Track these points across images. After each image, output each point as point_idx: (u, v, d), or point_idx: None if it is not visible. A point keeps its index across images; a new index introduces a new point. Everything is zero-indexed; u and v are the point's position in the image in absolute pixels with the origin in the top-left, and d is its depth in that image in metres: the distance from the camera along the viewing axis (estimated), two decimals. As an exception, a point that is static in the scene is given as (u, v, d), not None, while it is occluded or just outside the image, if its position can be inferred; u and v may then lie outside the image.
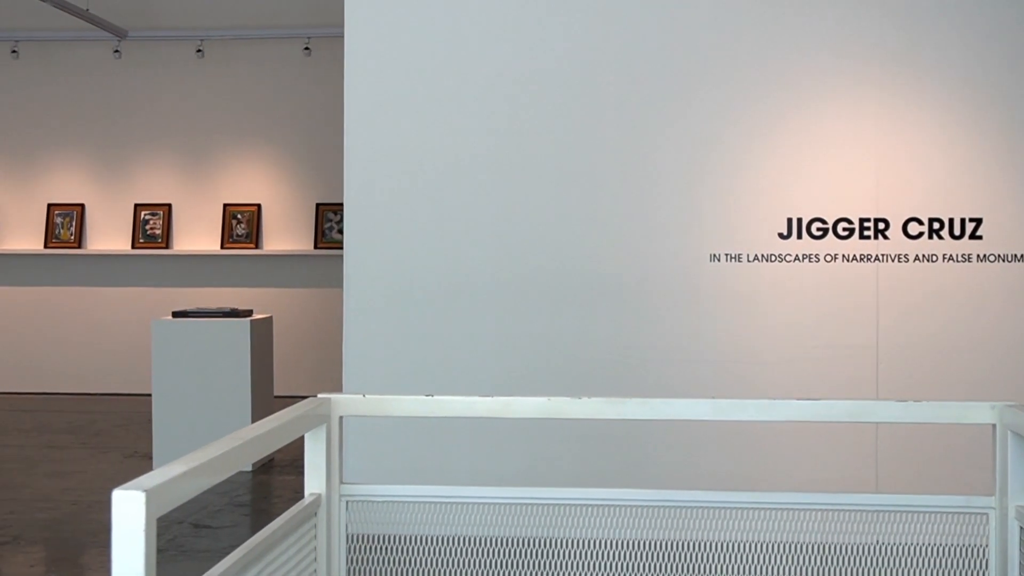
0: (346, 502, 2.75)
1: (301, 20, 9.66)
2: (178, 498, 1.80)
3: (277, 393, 7.50)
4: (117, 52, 9.83)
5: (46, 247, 10.05)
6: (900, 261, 4.97)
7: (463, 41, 5.15)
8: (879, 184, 4.99)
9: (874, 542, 2.69)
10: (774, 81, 5.04)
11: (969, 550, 2.66)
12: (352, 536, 2.76)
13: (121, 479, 1.95)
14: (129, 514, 1.65)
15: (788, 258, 5.02)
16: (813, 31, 5.04)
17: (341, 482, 2.74)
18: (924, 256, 4.97)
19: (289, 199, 9.95)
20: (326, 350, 9.25)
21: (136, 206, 10.00)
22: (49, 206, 10.08)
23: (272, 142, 9.95)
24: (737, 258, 5.04)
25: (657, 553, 2.72)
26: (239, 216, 9.92)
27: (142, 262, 10.06)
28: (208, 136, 9.99)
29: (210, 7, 9.85)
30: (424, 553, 2.75)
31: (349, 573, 2.74)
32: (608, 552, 2.76)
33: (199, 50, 9.79)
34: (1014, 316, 4.96)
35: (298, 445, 2.67)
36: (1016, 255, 4.95)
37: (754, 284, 5.03)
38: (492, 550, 2.75)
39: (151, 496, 1.67)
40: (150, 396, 6.86)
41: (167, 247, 9.96)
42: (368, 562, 2.75)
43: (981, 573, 2.65)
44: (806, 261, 5.01)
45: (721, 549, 2.72)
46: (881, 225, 4.98)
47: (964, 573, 2.66)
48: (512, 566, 2.75)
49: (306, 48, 9.65)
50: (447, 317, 5.12)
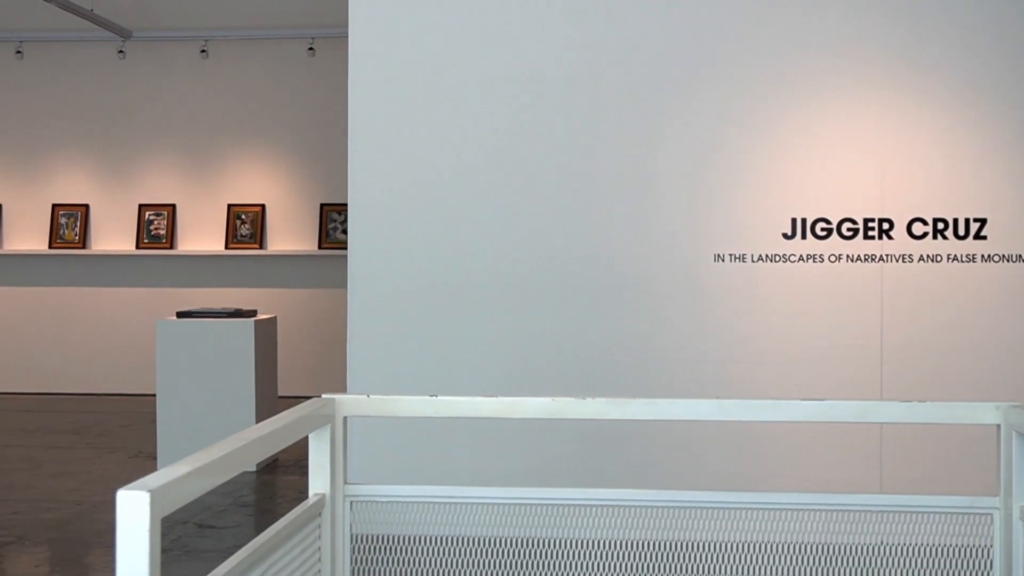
0: (350, 502, 2.75)
1: (305, 20, 9.66)
2: (182, 498, 1.80)
3: (281, 393, 7.51)
4: (121, 52, 9.84)
5: (50, 247, 10.06)
6: (904, 261, 4.97)
7: (466, 41, 5.16)
8: (883, 184, 4.98)
9: (878, 542, 2.69)
10: (778, 81, 5.04)
11: (973, 551, 2.66)
12: (356, 536, 2.76)
13: (125, 479, 1.95)
14: (133, 514, 1.65)
15: (792, 258, 5.02)
16: (817, 31, 5.03)
17: (345, 482, 2.75)
18: (928, 256, 4.96)
19: (293, 199, 9.96)
20: (330, 350, 9.25)
21: (140, 206, 10.01)
22: (53, 206, 10.09)
23: (276, 142, 9.95)
24: (741, 258, 5.04)
25: (661, 554, 2.72)
26: (243, 216, 9.93)
27: (146, 262, 10.06)
28: (212, 136, 10.00)
29: (214, 7, 9.85)
30: (428, 553, 2.75)
31: (353, 573, 2.75)
32: (612, 553, 2.76)
33: (203, 50, 9.80)
34: (1018, 316, 4.95)
35: (302, 445, 2.68)
36: (1020, 255, 4.94)
37: (758, 284, 5.03)
38: (496, 550, 2.75)
39: (155, 496, 1.68)
40: (154, 396, 6.87)
41: (171, 247, 9.97)
42: (372, 562, 2.76)
43: (985, 574, 2.65)
44: (810, 261, 5.01)
45: (725, 550, 2.72)
46: (885, 225, 4.98)
47: (968, 574, 2.66)
48: (516, 566, 2.75)
49: (310, 48, 9.66)
50: (451, 317, 5.13)
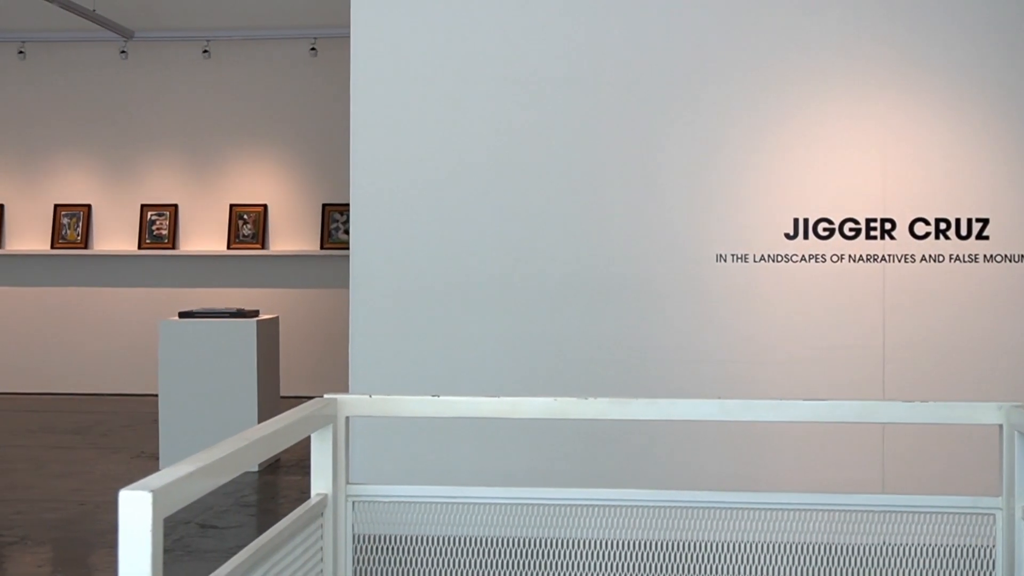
0: (352, 502, 2.75)
1: (307, 21, 9.66)
2: (185, 498, 1.80)
3: (283, 393, 7.51)
4: (123, 53, 9.84)
5: (53, 248, 10.07)
6: (907, 261, 4.97)
7: (468, 41, 5.15)
8: (886, 184, 4.98)
9: (880, 543, 2.69)
10: (780, 81, 5.04)
11: (975, 551, 2.66)
12: (358, 536, 2.76)
13: (128, 479, 1.95)
14: (136, 514, 1.65)
15: (794, 258, 5.01)
16: (819, 31, 5.03)
17: (347, 482, 2.74)
18: (931, 256, 4.96)
19: (295, 199, 9.96)
20: (332, 350, 9.25)
21: (142, 206, 10.02)
22: (56, 207, 10.10)
23: (278, 143, 9.95)
24: (743, 258, 5.03)
25: (663, 554, 2.72)
26: (245, 216, 9.93)
27: (148, 263, 10.07)
28: (214, 136, 10.00)
29: (216, 8, 9.86)
30: (430, 553, 2.75)
31: (356, 573, 2.75)
32: (614, 553, 2.76)
33: (205, 51, 9.81)
34: (1021, 316, 4.95)
35: (304, 445, 2.67)
36: (1023, 255, 4.94)
37: (760, 284, 5.03)
38: (498, 550, 2.75)
39: (158, 496, 1.68)
40: (157, 396, 6.87)
41: (173, 248, 9.97)
42: (375, 562, 2.76)
43: (988, 574, 2.65)
44: (812, 261, 5.01)
45: (727, 550, 2.72)
46: (888, 225, 4.98)
47: (970, 574, 2.66)
48: (518, 566, 2.75)
49: (312, 48, 9.66)
50: (453, 317, 5.13)
